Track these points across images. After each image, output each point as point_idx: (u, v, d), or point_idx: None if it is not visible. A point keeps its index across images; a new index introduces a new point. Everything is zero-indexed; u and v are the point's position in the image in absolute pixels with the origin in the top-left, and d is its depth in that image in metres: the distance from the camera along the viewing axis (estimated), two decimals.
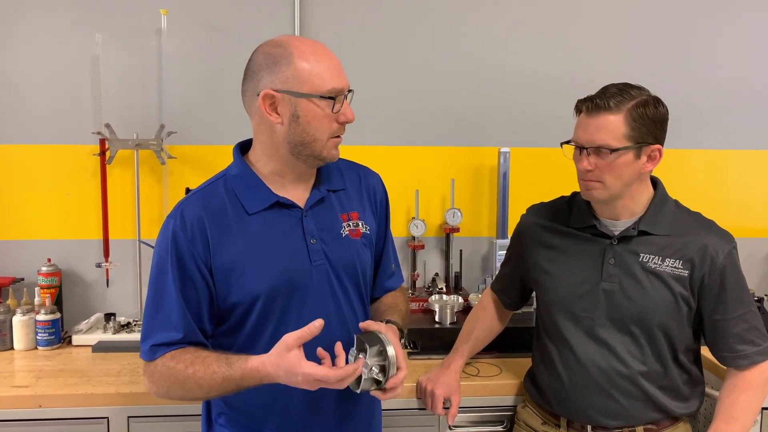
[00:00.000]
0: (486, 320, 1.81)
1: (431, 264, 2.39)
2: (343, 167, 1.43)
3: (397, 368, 1.21)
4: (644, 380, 1.48)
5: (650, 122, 1.40)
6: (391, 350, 1.20)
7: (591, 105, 1.41)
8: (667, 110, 1.45)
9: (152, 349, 1.24)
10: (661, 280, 1.46)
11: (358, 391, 1.21)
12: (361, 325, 1.27)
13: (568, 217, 1.59)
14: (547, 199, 1.70)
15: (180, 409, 1.70)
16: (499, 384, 1.80)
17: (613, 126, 1.39)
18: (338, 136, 1.27)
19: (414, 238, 2.29)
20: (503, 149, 2.28)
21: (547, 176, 2.36)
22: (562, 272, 1.56)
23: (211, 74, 2.27)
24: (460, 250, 2.32)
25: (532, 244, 1.64)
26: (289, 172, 1.30)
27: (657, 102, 1.43)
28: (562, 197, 1.67)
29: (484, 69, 2.36)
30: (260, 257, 1.25)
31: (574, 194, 1.64)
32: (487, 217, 2.40)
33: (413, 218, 2.28)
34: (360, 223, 1.38)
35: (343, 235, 1.35)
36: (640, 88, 1.43)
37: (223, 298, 1.27)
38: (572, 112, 1.48)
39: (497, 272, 2.14)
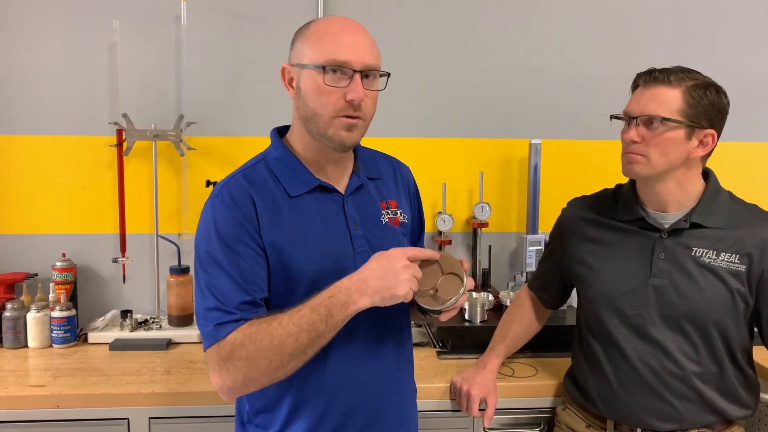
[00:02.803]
0: (523, 319, 1.74)
1: None
2: (378, 158, 1.41)
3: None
4: (699, 381, 1.40)
5: (709, 105, 1.36)
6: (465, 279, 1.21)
7: (649, 77, 1.38)
8: (728, 102, 1.40)
9: (216, 328, 1.14)
10: (716, 276, 1.39)
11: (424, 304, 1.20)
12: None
13: (614, 210, 1.52)
14: (580, 194, 1.64)
15: (205, 410, 1.64)
16: (536, 385, 1.73)
17: (667, 98, 1.35)
18: (348, 117, 1.17)
19: (441, 233, 2.21)
20: (534, 141, 2.21)
21: (580, 170, 2.30)
22: (608, 267, 1.49)
23: (232, 62, 2.20)
24: (489, 246, 2.25)
25: (574, 239, 1.57)
26: (322, 156, 1.26)
27: (719, 90, 1.39)
28: (606, 190, 1.61)
29: (514, 57, 2.29)
30: (305, 241, 1.21)
31: (618, 186, 1.58)
32: (516, 211, 2.33)
33: (439, 213, 2.21)
34: (398, 212, 1.35)
35: (383, 222, 1.32)
36: (704, 76, 1.39)
37: (273, 277, 1.21)
38: (607, 104, 1.44)
39: (534, 269, 2.11)
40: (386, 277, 1.11)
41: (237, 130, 2.20)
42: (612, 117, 1.46)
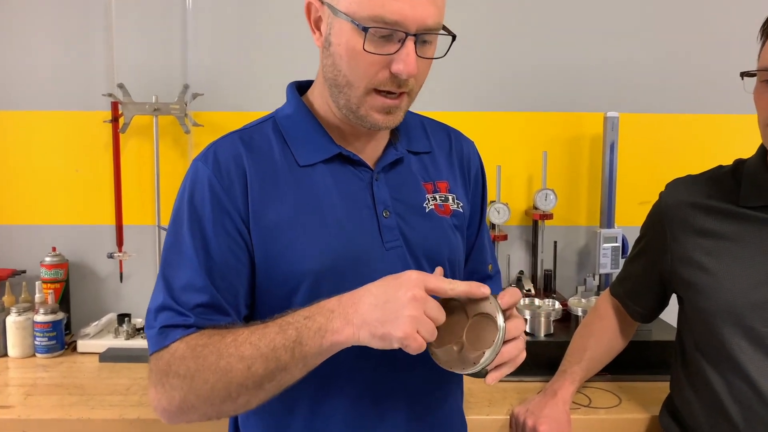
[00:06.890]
0: (604, 334, 1.43)
1: (515, 259, 2.01)
2: (429, 126, 1.14)
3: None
4: None
5: None
6: (500, 320, 0.85)
7: None
8: None
9: (162, 332, 0.91)
10: None
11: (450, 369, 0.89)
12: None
13: (736, 193, 1.18)
14: (670, 180, 1.31)
15: None
16: (621, 419, 1.44)
17: None
18: (387, 94, 0.91)
19: (494, 226, 1.90)
20: (610, 114, 1.88)
21: (668, 150, 1.98)
22: (730, 270, 1.15)
23: (245, 25, 1.95)
24: (555, 242, 1.94)
25: (679, 232, 1.23)
26: (348, 123, 0.98)
27: None
28: (720, 167, 1.27)
29: (583, 15, 1.96)
30: (313, 225, 0.96)
31: (739, 162, 1.23)
32: (587, 200, 2.01)
33: (492, 202, 1.89)
34: (450, 197, 1.07)
35: (427, 210, 1.05)
36: None
37: (261, 274, 0.96)
38: (704, 67, 1.11)
39: (612, 270, 1.81)
40: (384, 306, 0.81)
41: (252, 104, 1.94)
42: (743, 75, 1.11)
